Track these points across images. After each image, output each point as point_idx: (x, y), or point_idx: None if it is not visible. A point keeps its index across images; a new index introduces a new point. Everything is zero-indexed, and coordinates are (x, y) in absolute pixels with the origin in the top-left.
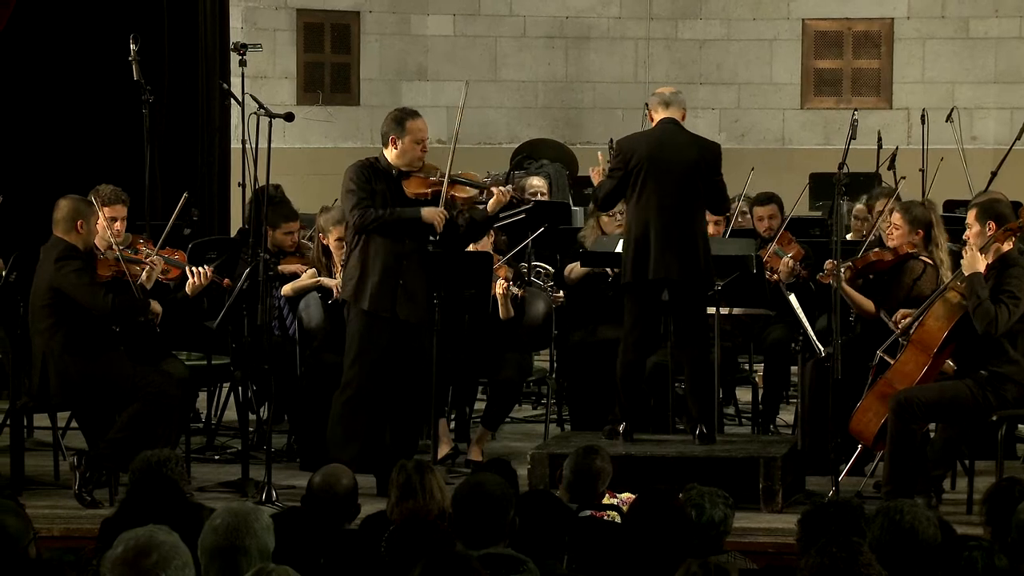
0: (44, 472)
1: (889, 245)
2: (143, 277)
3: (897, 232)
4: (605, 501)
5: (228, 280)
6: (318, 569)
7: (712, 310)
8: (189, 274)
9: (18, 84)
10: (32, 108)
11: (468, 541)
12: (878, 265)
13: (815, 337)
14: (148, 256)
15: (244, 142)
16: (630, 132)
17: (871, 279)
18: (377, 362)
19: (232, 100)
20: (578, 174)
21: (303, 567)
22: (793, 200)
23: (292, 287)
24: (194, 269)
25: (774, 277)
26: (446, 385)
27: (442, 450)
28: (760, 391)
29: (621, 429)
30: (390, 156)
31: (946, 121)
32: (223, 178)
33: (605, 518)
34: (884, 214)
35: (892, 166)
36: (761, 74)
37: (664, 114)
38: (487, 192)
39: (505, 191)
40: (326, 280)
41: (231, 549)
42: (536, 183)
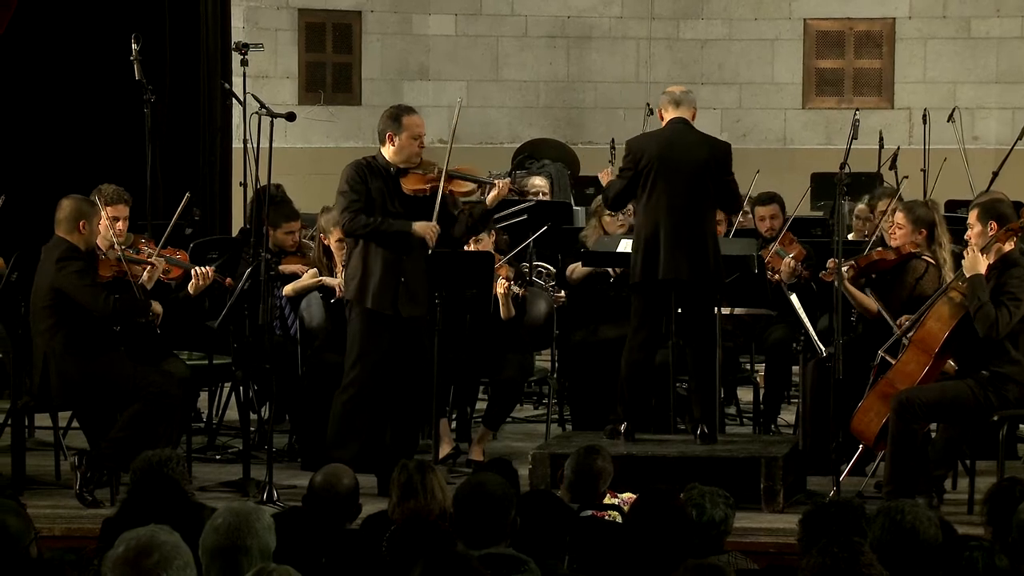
0: (45, 472)
1: (891, 245)
2: (144, 277)
3: (900, 232)
4: (606, 501)
5: (230, 280)
6: (319, 569)
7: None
8: (193, 275)
9: (20, 84)
10: (34, 108)
11: (469, 541)
12: (880, 264)
13: (816, 337)
14: (150, 256)
15: (245, 142)
16: (631, 132)
17: (873, 278)
18: (379, 363)
19: (234, 100)
20: (580, 174)
21: (304, 567)
22: (795, 200)
23: (293, 287)
24: (198, 270)
25: (776, 277)
26: (447, 385)
27: (443, 450)
28: (761, 391)
29: (622, 429)
30: (387, 153)
31: (948, 121)
32: (224, 178)
33: (606, 518)
34: (887, 214)
35: (893, 166)
36: (763, 74)
37: (674, 113)
38: (486, 186)
39: (506, 183)
40: (328, 279)
41: (232, 549)
42: (538, 183)
